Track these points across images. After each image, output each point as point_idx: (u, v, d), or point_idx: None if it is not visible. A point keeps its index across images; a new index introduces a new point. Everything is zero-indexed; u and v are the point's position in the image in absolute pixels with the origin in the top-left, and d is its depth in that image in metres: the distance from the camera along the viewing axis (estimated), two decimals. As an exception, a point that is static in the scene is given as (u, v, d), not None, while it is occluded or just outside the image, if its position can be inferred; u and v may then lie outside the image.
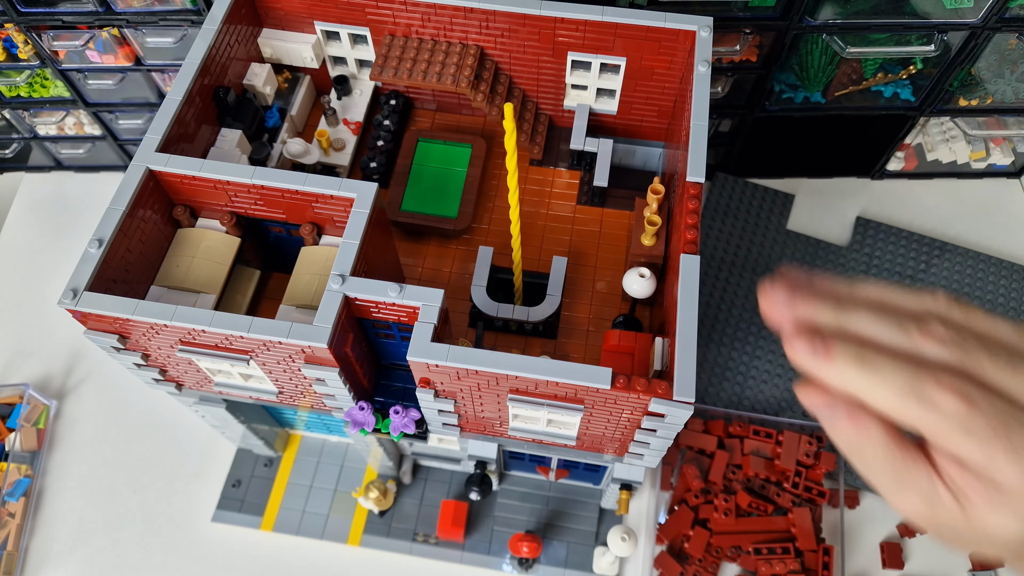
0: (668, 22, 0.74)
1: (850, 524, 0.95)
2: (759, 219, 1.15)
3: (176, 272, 0.69)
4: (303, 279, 0.69)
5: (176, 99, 0.70)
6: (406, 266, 0.81)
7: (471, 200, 0.82)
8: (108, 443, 1.02)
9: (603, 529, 0.93)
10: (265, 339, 0.58)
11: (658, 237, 0.73)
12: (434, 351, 0.57)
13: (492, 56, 0.82)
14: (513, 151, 0.58)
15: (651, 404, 0.57)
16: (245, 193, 0.67)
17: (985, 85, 1.02)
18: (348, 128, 0.86)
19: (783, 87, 1.03)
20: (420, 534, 0.94)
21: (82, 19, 0.93)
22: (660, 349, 0.63)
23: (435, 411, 0.67)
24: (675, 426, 0.60)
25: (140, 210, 0.65)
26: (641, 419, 0.60)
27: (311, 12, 0.82)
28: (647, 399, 0.56)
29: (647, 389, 0.55)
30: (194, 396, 0.78)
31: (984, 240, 1.15)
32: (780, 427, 0.97)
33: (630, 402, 0.57)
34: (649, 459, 0.70)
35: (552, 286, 0.74)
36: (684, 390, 0.55)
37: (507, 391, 0.60)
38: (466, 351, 0.56)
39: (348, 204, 0.65)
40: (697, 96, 0.69)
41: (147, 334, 0.62)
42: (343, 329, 0.60)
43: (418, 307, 0.59)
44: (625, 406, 0.58)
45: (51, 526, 0.97)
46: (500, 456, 0.85)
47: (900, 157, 1.18)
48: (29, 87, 1.07)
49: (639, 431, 0.63)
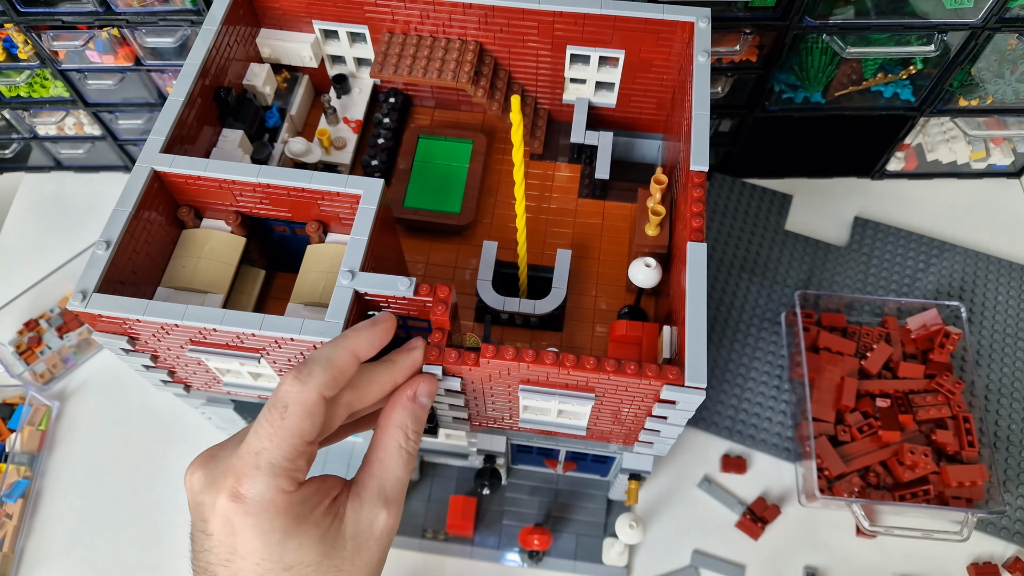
0: (666, 14, 0.75)
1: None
2: (757, 219, 1.15)
3: (183, 273, 0.69)
4: (310, 277, 0.69)
5: (178, 100, 0.70)
6: (410, 263, 0.81)
7: (473, 195, 0.82)
8: (108, 445, 1.02)
9: (611, 520, 0.94)
10: (277, 336, 0.58)
11: (662, 227, 0.74)
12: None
13: (491, 51, 0.83)
14: (520, 144, 0.58)
15: (663, 391, 0.57)
16: (250, 192, 0.67)
17: (985, 85, 1.03)
18: (348, 126, 0.86)
19: (783, 87, 1.04)
20: (429, 530, 0.94)
21: (82, 19, 0.93)
22: (668, 337, 0.63)
23: (445, 405, 0.68)
24: (686, 413, 0.60)
25: (146, 211, 0.65)
26: (652, 406, 0.60)
27: (309, 11, 0.82)
28: (659, 385, 0.56)
29: (659, 375, 0.56)
30: (202, 397, 0.78)
31: (984, 240, 1.16)
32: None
33: (641, 389, 0.58)
34: (659, 447, 0.71)
35: (557, 279, 0.75)
36: (696, 376, 0.56)
37: (518, 381, 0.60)
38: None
39: (354, 201, 0.65)
40: (698, 86, 0.70)
41: (157, 335, 0.62)
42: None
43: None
44: (636, 393, 0.59)
45: (48, 527, 0.97)
46: (508, 450, 0.85)
47: (900, 157, 1.18)
48: (29, 87, 1.07)
49: (650, 419, 0.63)
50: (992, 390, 1.02)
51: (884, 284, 1.10)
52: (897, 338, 1.02)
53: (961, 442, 0.94)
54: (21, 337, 1.10)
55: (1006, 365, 1.04)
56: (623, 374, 0.56)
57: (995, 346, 1.05)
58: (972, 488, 0.91)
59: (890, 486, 0.93)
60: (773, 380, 1.03)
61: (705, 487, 0.98)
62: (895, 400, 0.97)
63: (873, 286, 1.10)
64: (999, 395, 1.02)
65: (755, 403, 1.02)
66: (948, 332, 1.00)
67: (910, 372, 0.99)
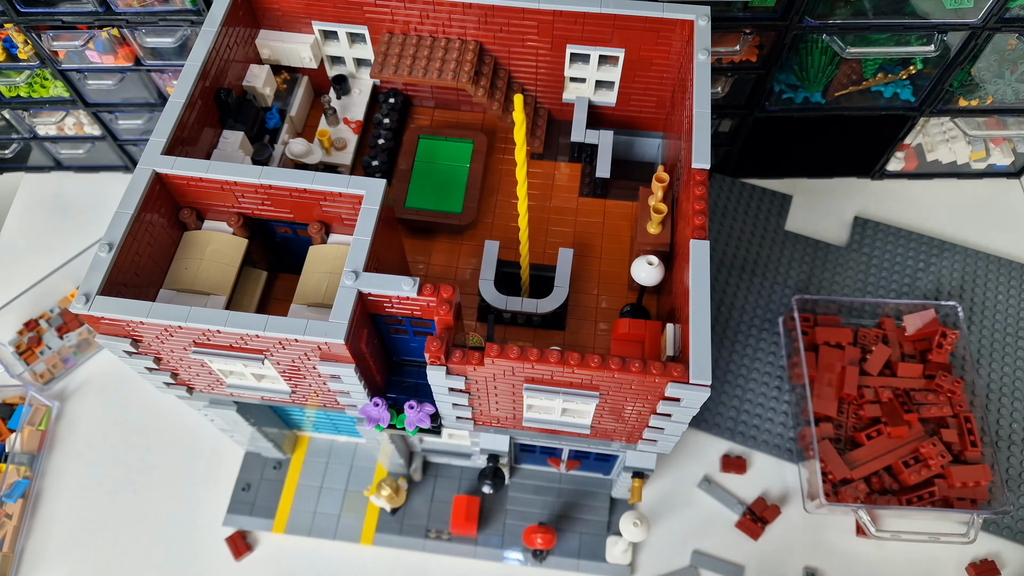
0: (666, 12, 0.75)
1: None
2: (757, 220, 1.16)
3: (185, 275, 0.69)
4: (313, 278, 0.69)
5: (179, 102, 0.70)
6: (412, 263, 0.81)
7: (475, 195, 0.82)
8: (109, 445, 1.02)
9: (615, 519, 0.94)
10: (281, 337, 0.58)
11: (664, 225, 0.74)
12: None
13: (491, 51, 0.83)
14: (522, 143, 0.58)
15: (667, 388, 0.57)
16: (252, 193, 0.67)
17: (985, 85, 1.03)
18: (349, 127, 0.86)
19: (783, 87, 1.04)
20: (432, 531, 0.94)
21: (82, 19, 0.93)
22: (672, 335, 0.64)
23: (449, 405, 0.68)
24: (691, 410, 0.60)
25: (148, 214, 0.65)
26: (657, 404, 0.61)
27: (308, 12, 0.82)
28: (663, 383, 0.56)
29: (663, 373, 0.56)
30: (205, 399, 0.78)
31: (984, 240, 1.16)
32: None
33: (646, 386, 0.58)
34: (663, 445, 0.71)
35: (559, 278, 0.75)
36: (700, 373, 0.56)
37: (522, 380, 0.61)
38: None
39: (357, 201, 0.65)
40: (698, 84, 0.70)
41: (160, 337, 0.62)
42: (358, 325, 0.60)
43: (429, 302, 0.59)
44: (641, 391, 0.59)
45: (48, 528, 0.97)
46: (512, 449, 0.85)
47: (900, 157, 1.19)
48: (29, 87, 1.07)
49: (654, 416, 0.63)
50: (993, 389, 1.03)
51: (884, 284, 1.10)
52: (895, 339, 1.02)
53: (964, 441, 0.94)
54: (21, 337, 1.09)
55: (1007, 364, 1.04)
56: (628, 372, 0.57)
57: (995, 345, 1.06)
58: (976, 488, 0.92)
59: (896, 490, 0.93)
60: (774, 380, 1.03)
61: (705, 487, 0.98)
62: (896, 395, 0.97)
63: (873, 286, 1.10)
64: (1000, 394, 1.02)
65: (756, 403, 1.02)
66: (945, 332, 1.00)
67: (909, 372, 0.99)
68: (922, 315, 1.02)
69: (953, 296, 1.09)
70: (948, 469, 0.92)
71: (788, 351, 1.04)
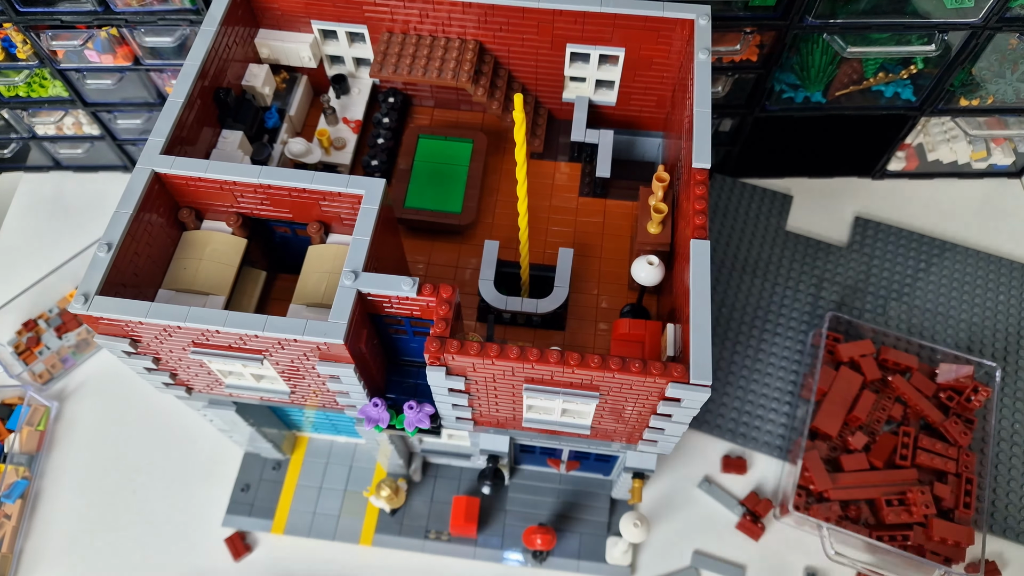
0: (666, 11, 0.75)
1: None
2: (757, 220, 1.15)
3: (184, 275, 0.69)
4: (312, 278, 0.69)
5: (178, 101, 0.69)
6: (412, 263, 0.81)
7: (475, 195, 0.82)
8: (108, 445, 1.02)
9: (615, 519, 0.94)
10: (280, 337, 0.58)
11: (664, 225, 0.74)
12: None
13: (491, 50, 0.83)
14: (523, 142, 0.58)
15: (668, 389, 0.57)
16: (251, 193, 0.67)
17: (986, 85, 1.02)
18: (348, 127, 0.86)
19: (783, 87, 1.04)
20: (432, 531, 0.94)
21: (81, 19, 0.93)
22: (672, 336, 0.63)
23: (449, 405, 0.67)
24: (691, 411, 0.60)
25: (147, 213, 0.65)
26: (657, 404, 0.60)
27: (308, 11, 0.82)
28: (664, 383, 0.56)
29: (663, 373, 0.56)
30: (204, 399, 0.78)
31: (984, 240, 1.16)
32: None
33: (646, 386, 0.58)
34: (663, 446, 0.71)
35: (559, 278, 0.75)
36: (701, 373, 0.56)
37: (522, 381, 0.60)
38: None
39: (356, 201, 0.65)
40: (699, 84, 0.70)
41: (159, 337, 0.61)
42: (357, 325, 0.60)
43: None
44: (641, 391, 0.59)
45: (47, 528, 0.97)
46: (512, 449, 0.85)
47: (901, 157, 1.18)
48: (28, 87, 1.07)
49: (654, 417, 0.63)
50: (1003, 460, 0.99)
51: (885, 283, 1.10)
52: (921, 379, 0.99)
53: (958, 500, 0.92)
54: (20, 337, 1.09)
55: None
56: (628, 372, 0.56)
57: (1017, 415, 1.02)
58: (955, 548, 0.89)
59: (871, 524, 0.92)
60: (775, 381, 1.03)
61: (705, 488, 0.98)
62: (901, 428, 0.95)
63: (875, 286, 1.10)
64: (1009, 465, 0.98)
65: (757, 404, 1.02)
66: (978, 387, 0.97)
67: (927, 409, 0.96)
68: (959, 368, 0.99)
69: (997, 356, 1.05)
70: (932, 520, 0.89)
71: (810, 366, 1.02)
